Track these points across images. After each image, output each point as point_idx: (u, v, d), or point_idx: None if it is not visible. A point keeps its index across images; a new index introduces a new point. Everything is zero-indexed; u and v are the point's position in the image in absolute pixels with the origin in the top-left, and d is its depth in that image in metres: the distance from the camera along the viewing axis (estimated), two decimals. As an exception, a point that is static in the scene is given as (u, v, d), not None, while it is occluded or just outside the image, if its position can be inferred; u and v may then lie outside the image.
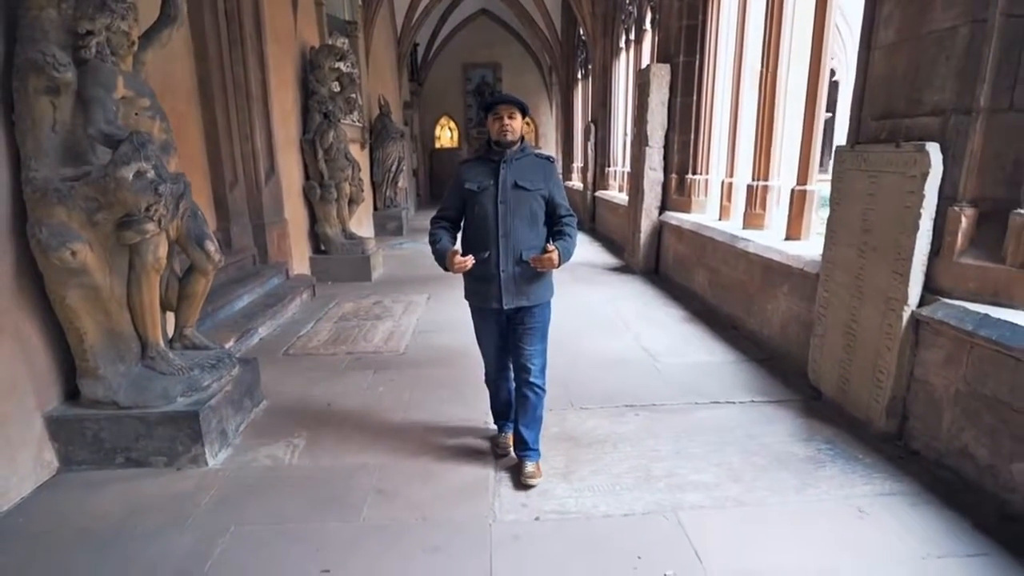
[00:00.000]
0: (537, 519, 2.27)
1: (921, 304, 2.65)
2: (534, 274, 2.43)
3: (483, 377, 2.78)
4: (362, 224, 8.42)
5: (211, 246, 2.79)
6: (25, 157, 2.36)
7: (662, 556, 2.04)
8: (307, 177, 6.56)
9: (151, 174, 2.32)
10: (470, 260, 2.34)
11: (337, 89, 6.74)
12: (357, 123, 8.59)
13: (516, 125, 2.42)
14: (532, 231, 2.44)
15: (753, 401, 3.30)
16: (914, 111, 2.71)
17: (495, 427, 2.89)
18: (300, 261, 6.32)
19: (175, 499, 2.44)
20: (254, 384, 3.23)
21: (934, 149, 2.52)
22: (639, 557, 2.04)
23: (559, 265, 2.37)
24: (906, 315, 2.67)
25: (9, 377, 2.41)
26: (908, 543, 2.10)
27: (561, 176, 14.86)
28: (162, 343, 2.79)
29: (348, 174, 6.68)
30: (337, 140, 6.54)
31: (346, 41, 8.31)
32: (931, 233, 2.59)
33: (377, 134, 9.92)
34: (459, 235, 2.59)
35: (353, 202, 6.95)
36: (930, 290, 2.64)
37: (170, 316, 3.01)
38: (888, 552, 2.06)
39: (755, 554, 2.06)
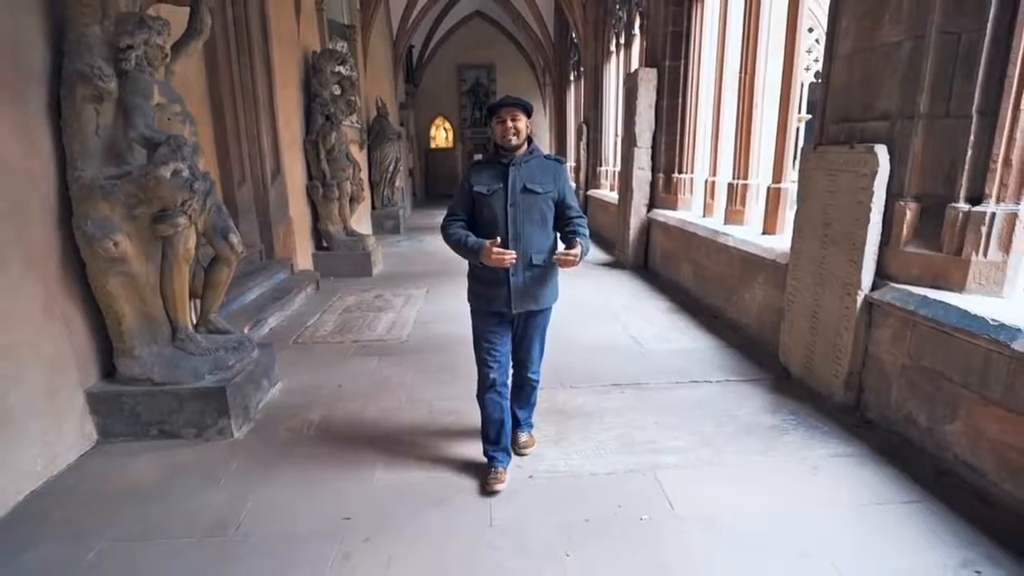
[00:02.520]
0: (531, 477, 2.57)
1: (873, 289, 2.97)
2: (544, 278, 2.45)
3: (475, 390, 2.61)
4: (361, 222, 8.69)
5: (234, 238, 3.08)
6: (71, 158, 2.64)
7: (639, 504, 2.35)
8: (310, 177, 6.84)
9: (186, 173, 2.60)
10: (511, 255, 2.27)
11: (338, 92, 7.00)
12: (356, 124, 8.86)
13: (521, 127, 2.38)
14: (542, 234, 2.44)
15: (728, 380, 3.61)
16: (866, 116, 3.02)
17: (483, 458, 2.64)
18: (304, 257, 6.60)
19: (207, 464, 2.72)
20: (270, 366, 3.51)
21: (882, 150, 2.83)
22: (619, 505, 2.35)
23: (579, 261, 2.34)
24: (860, 299, 2.98)
25: (57, 355, 2.69)
26: (853, 493, 2.42)
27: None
28: (190, 327, 3.07)
29: (349, 174, 6.96)
30: (339, 141, 6.82)
31: (345, 44, 8.59)
32: (881, 225, 2.91)
33: (375, 135, 10.19)
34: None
35: (354, 201, 7.23)
36: (881, 276, 2.96)
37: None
38: (834, 500, 2.37)
39: (719, 502, 2.36)
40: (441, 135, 18.94)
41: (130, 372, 2.90)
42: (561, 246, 2.49)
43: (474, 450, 2.74)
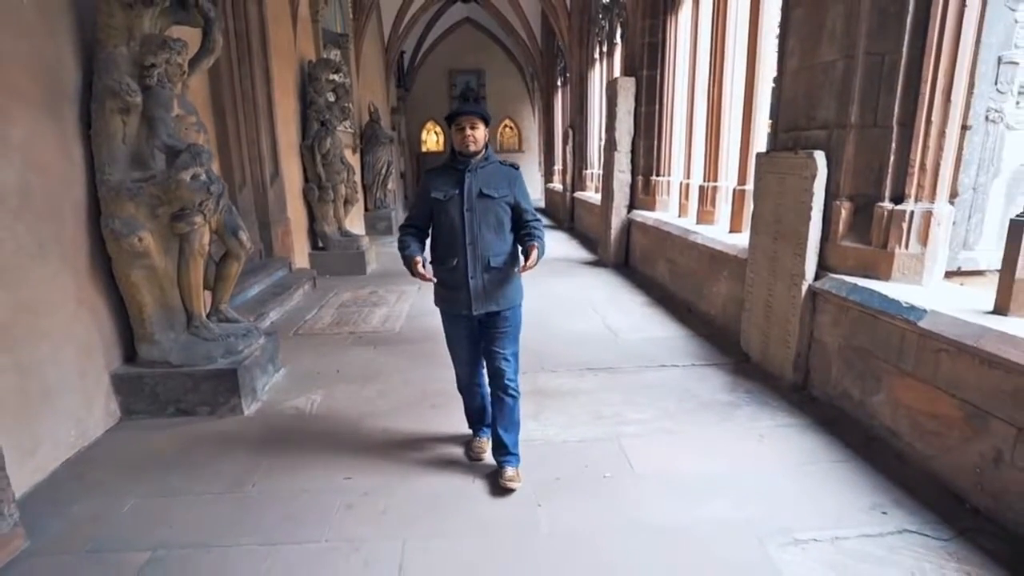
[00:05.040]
0: (510, 444, 2.91)
1: (816, 279, 3.33)
2: (503, 279, 2.51)
3: (455, 383, 2.83)
4: (355, 224, 9.00)
5: (244, 235, 3.40)
6: (100, 164, 2.96)
7: (604, 465, 2.70)
8: (306, 180, 7.16)
9: (203, 177, 2.93)
10: (429, 275, 2.47)
11: (333, 99, 7.32)
12: (350, 129, 9.18)
13: (479, 135, 2.44)
14: (499, 238, 2.50)
15: (694, 365, 3.97)
16: (809, 125, 3.40)
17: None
18: (301, 256, 6.92)
19: (221, 437, 3.04)
20: (275, 353, 3.83)
21: (820, 156, 3.20)
22: (586, 466, 2.70)
23: (538, 260, 2.46)
24: (805, 288, 3.35)
25: (87, 340, 3.01)
26: (793, 456, 2.78)
27: (543, 179, 15.60)
28: (204, 315, 3.39)
29: (344, 177, 7.29)
30: (334, 146, 7.14)
31: (338, 52, 8.91)
32: (821, 222, 3.28)
33: (368, 139, 10.50)
34: (428, 242, 2.63)
35: (348, 203, 7.56)
36: (822, 267, 3.33)
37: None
38: (775, 461, 2.73)
39: (674, 463, 2.72)
40: (432, 139, 19.29)
41: (150, 356, 3.22)
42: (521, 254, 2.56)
43: (461, 425, 3.05)
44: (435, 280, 2.50)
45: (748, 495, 2.46)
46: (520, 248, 2.56)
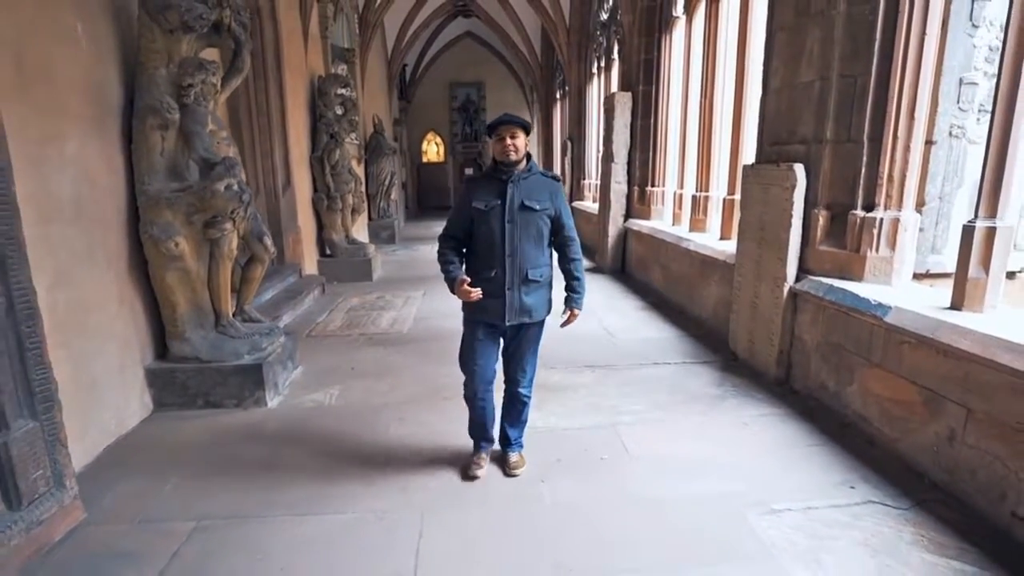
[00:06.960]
0: (515, 432, 3.17)
1: (796, 281, 3.61)
2: (538, 293, 2.58)
3: (462, 392, 2.81)
4: (360, 232, 9.29)
5: (268, 240, 3.68)
6: (139, 175, 3.23)
7: (601, 449, 2.97)
8: (315, 189, 7.45)
9: (235, 187, 3.21)
10: (477, 293, 2.46)
11: (341, 112, 7.63)
12: (355, 141, 9.48)
13: (519, 144, 2.45)
14: (538, 250, 2.53)
15: (685, 362, 4.24)
16: (790, 140, 3.69)
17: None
18: (310, 262, 7.19)
19: (248, 426, 3.30)
20: (294, 351, 4.09)
21: (800, 168, 3.49)
22: (585, 450, 2.96)
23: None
24: (786, 289, 3.63)
25: (126, 336, 3.27)
26: (773, 440, 3.04)
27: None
28: (230, 315, 3.65)
29: (351, 187, 7.59)
30: (342, 157, 7.45)
31: (345, 67, 9.24)
32: (801, 229, 3.56)
33: (372, 150, 10.82)
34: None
35: (355, 212, 7.85)
36: (802, 270, 3.61)
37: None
38: (756, 445, 3.00)
39: (665, 447, 2.98)
40: (432, 149, 19.65)
41: (181, 352, 3.48)
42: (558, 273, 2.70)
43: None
44: (480, 297, 2.49)
45: (731, 473, 2.72)
46: (564, 287, 2.73)
